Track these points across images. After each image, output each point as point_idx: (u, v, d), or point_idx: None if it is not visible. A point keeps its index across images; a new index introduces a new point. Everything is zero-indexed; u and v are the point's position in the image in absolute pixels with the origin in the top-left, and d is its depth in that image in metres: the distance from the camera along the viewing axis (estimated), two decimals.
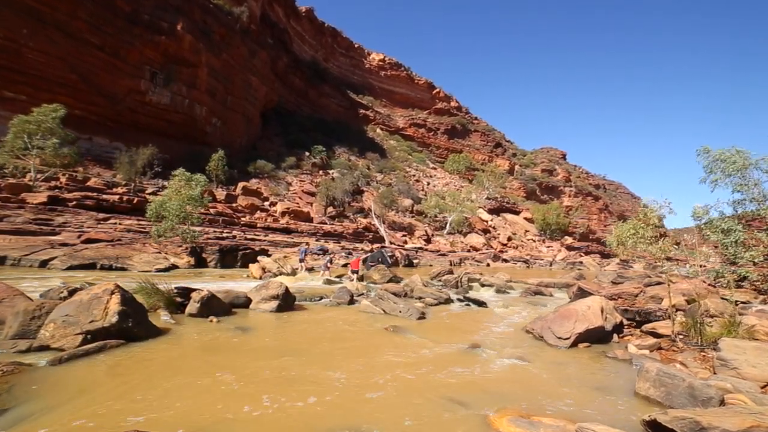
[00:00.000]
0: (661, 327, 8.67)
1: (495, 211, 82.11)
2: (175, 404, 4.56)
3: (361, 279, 18.72)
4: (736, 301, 9.27)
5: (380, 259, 25.62)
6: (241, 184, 45.97)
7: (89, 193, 29.59)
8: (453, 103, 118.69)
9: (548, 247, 73.03)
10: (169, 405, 4.54)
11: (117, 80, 39.84)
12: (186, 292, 9.70)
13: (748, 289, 12.42)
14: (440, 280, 19.87)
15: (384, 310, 11.25)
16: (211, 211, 35.21)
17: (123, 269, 17.93)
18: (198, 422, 4.19)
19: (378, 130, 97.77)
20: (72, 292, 9.04)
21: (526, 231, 79.68)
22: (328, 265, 20.25)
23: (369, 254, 28.82)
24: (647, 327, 9.00)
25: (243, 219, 38.02)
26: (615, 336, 8.88)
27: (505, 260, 48.96)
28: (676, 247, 9.49)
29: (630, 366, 7.00)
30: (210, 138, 48.94)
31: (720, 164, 12.34)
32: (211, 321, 8.79)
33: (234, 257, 23.45)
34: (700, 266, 14.58)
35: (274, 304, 10.60)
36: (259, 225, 38.08)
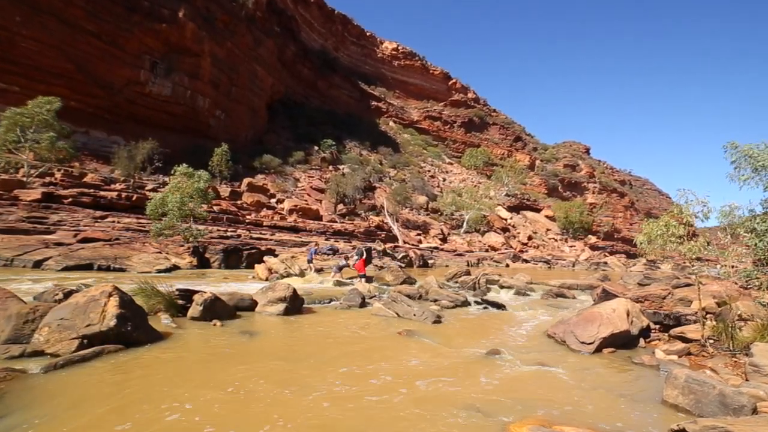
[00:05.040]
0: (690, 331, 8.62)
1: (515, 209, 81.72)
2: (176, 413, 4.61)
3: (369, 281, 18.63)
4: None
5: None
6: (246, 180, 46.10)
7: (86, 190, 29.73)
8: (470, 95, 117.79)
9: (571, 246, 72.65)
10: (170, 415, 4.59)
11: (115, 70, 40.12)
12: (188, 295, 9.72)
13: None
14: (457, 282, 19.82)
15: (397, 314, 11.26)
16: (215, 208, 35.35)
17: (122, 270, 18.00)
18: None
19: (391, 123, 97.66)
20: (67, 295, 9.02)
21: (548, 230, 79.30)
22: (341, 265, 20.06)
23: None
24: (675, 331, 8.94)
25: (248, 217, 38.12)
26: (641, 341, 8.83)
27: (526, 260, 48.68)
28: (706, 246, 9.36)
29: (657, 372, 6.97)
30: (213, 131, 49.19)
31: (749, 160, 12.10)
32: (214, 325, 8.83)
33: (239, 257, 23.46)
34: (732, 267, 14.44)
35: (281, 306, 10.59)
36: (265, 223, 38.18)
